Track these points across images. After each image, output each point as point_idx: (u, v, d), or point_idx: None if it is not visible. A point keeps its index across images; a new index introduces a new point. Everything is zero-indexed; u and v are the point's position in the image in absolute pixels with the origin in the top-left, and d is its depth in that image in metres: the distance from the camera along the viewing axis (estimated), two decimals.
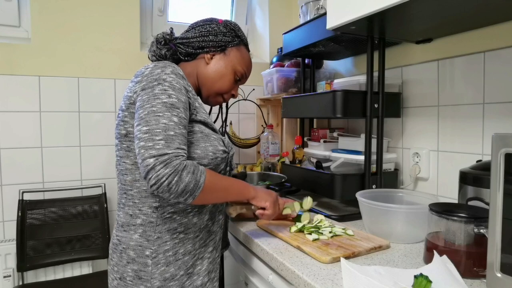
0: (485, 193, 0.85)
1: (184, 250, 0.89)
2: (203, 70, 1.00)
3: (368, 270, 0.76)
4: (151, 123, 0.77)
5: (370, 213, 1.02)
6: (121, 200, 0.91)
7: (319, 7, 1.35)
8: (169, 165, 0.73)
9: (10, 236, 1.67)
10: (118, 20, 1.83)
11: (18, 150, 1.68)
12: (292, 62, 1.76)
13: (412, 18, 0.99)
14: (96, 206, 1.79)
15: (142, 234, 0.87)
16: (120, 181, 0.91)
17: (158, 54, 1.00)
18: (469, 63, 1.13)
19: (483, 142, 1.10)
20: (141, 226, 0.87)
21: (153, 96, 0.80)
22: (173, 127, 0.78)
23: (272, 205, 0.96)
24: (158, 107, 0.79)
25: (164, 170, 0.73)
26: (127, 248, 0.87)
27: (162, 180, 0.72)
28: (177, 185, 0.74)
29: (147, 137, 0.76)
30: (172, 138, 0.76)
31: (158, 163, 0.73)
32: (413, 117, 1.34)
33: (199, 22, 1.03)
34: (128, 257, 0.87)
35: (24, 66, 1.68)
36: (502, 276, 0.64)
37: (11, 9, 1.71)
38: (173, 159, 0.74)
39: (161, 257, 0.86)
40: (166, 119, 0.78)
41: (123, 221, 0.89)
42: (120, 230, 0.90)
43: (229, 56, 1.01)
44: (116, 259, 0.90)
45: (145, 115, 0.79)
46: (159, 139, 0.75)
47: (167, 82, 0.83)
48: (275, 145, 1.79)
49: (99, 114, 1.83)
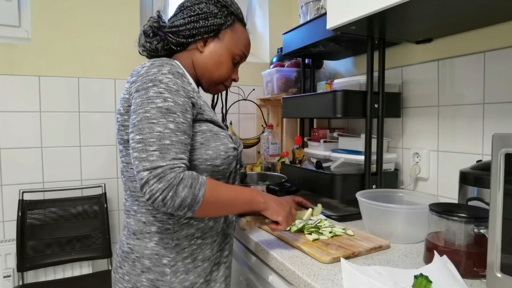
0: (485, 193, 0.85)
1: (203, 256, 0.86)
2: (198, 60, 0.92)
3: (368, 270, 0.76)
4: (145, 132, 0.71)
5: (370, 213, 1.02)
6: (131, 207, 0.85)
7: (319, 7, 1.35)
8: (163, 179, 0.68)
9: (10, 236, 1.67)
10: (118, 20, 1.83)
11: (18, 150, 1.68)
12: (292, 62, 1.76)
13: (412, 18, 0.99)
14: (96, 206, 1.79)
15: (158, 242, 0.81)
16: (128, 188, 0.86)
17: (149, 49, 0.92)
18: (469, 63, 1.13)
19: (483, 142, 1.10)
20: (156, 233, 0.82)
21: (147, 100, 0.74)
22: (168, 135, 0.72)
23: (286, 220, 0.87)
24: (152, 113, 0.73)
25: (157, 185, 0.67)
26: (141, 257, 0.82)
27: (156, 196, 0.67)
28: (172, 200, 0.68)
29: (141, 148, 0.71)
30: (167, 148, 0.71)
31: (152, 177, 0.68)
32: (413, 117, 1.33)
33: (186, 3, 0.91)
34: (143, 266, 0.81)
35: (24, 66, 1.67)
36: (502, 276, 0.64)
37: (11, 9, 1.71)
38: (167, 172, 0.68)
39: (180, 265, 0.82)
40: (160, 126, 0.72)
41: (135, 228, 0.84)
42: (132, 238, 0.84)
43: (223, 40, 0.91)
44: (127, 268, 0.84)
45: (138, 122, 0.73)
46: (153, 150, 0.70)
47: (163, 84, 0.76)
48: (275, 145, 1.79)
49: (99, 114, 1.83)
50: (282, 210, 0.87)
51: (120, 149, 0.86)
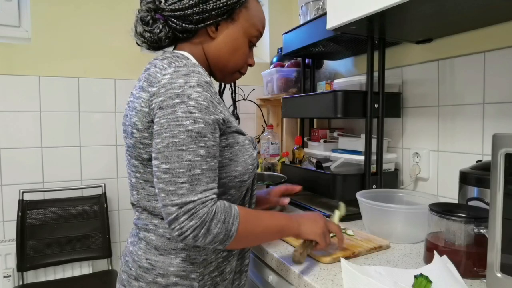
0: (485, 193, 0.85)
1: (230, 269, 0.82)
2: (211, 48, 0.79)
3: (368, 270, 0.76)
4: (172, 160, 0.63)
5: (370, 213, 1.02)
6: (150, 221, 0.76)
7: (319, 7, 1.35)
8: (195, 215, 0.62)
9: (10, 236, 1.67)
10: (118, 20, 1.83)
11: (18, 150, 1.68)
12: (292, 62, 1.76)
13: (412, 18, 0.99)
14: (96, 206, 1.79)
15: (185, 259, 0.75)
16: (145, 208, 0.77)
17: (150, 39, 0.77)
18: (469, 63, 1.13)
19: (483, 142, 1.10)
20: (183, 250, 0.74)
21: (174, 121, 0.64)
22: (199, 163, 0.64)
23: (323, 238, 0.80)
24: (180, 138, 0.63)
25: (189, 222, 0.61)
26: (166, 274, 0.74)
27: (187, 234, 0.62)
28: (204, 237, 0.63)
29: (168, 179, 0.63)
30: (198, 178, 0.63)
31: (182, 214, 0.61)
32: (413, 117, 1.33)
33: None
34: (168, 281, 0.74)
35: (24, 66, 1.67)
36: (502, 276, 0.64)
37: (11, 9, 1.71)
38: (199, 208, 0.62)
39: (207, 278, 0.77)
40: (191, 154, 0.63)
41: (158, 244, 0.75)
42: (154, 253, 0.75)
43: (238, 21, 0.79)
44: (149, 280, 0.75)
45: (165, 148, 0.64)
46: (182, 182, 0.62)
47: (193, 101, 0.65)
48: (275, 145, 1.79)
49: (99, 114, 1.83)
50: (316, 228, 0.80)
51: (134, 164, 0.75)
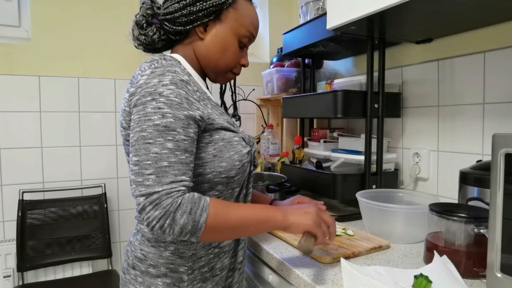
0: (485, 193, 0.85)
1: (221, 265, 0.83)
2: (201, 48, 0.82)
3: (368, 270, 0.76)
4: (141, 153, 0.66)
5: (370, 213, 1.02)
6: None
7: (319, 7, 1.35)
8: (159, 206, 0.63)
9: (10, 236, 1.67)
10: (118, 20, 1.83)
11: (18, 150, 1.68)
12: (292, 62, 1.76)
13: (412, 18, 0.99)
14: (96, 206, 1.79)
15: (174, 252, 0.77)
16: None
17: (144, 42, 0.83)
18: (469, 63, 1.13)
19: (483, 142, 1.10)
20: (172, 244, 0.77)
21: (144, 117, 0.67)
22: (166, 155, 0.66)
23: (316, 229, 0.74)
24: (148, 132, 0.66)
25: (153, 212, 0.63)
26: (156, 265, 0.78)
27: (153, 223, 0.63)
28: (171, 228, 0.64)
29: (137, 171, 0.66)
30: (164, 170, 0.65)
31: (148, 204, 0.63)
32: (413, 117, 1.33)
33: None
34: (158, 272, 0.77)
35: (24, 66, 1.67)
36: (502, 276, 0.64)
37: (11, 9, 1.72)
38: (164, 198, 0.63)
39: (197, 273, 0.79)
40: (157, 147, 0.66)
41: (150, 236, 0.79)
42: (147, 244, 0.79)
43: (226, 22, 0.80)
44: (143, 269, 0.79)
45: (135, 142, 0.67)
46: (149, 174, 0.65)
47: (163, 97, 0.68)
48: (275, 145, 1.79)
49: (99, 114, 1.83)
50: (307, 219, 0.74)
51: (128, 160, 0.79)
